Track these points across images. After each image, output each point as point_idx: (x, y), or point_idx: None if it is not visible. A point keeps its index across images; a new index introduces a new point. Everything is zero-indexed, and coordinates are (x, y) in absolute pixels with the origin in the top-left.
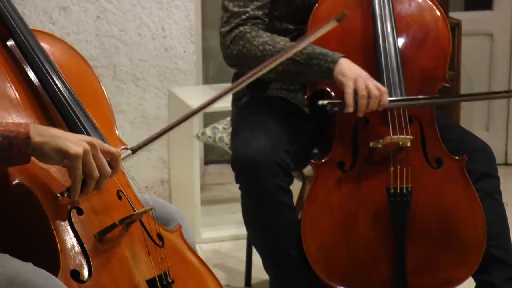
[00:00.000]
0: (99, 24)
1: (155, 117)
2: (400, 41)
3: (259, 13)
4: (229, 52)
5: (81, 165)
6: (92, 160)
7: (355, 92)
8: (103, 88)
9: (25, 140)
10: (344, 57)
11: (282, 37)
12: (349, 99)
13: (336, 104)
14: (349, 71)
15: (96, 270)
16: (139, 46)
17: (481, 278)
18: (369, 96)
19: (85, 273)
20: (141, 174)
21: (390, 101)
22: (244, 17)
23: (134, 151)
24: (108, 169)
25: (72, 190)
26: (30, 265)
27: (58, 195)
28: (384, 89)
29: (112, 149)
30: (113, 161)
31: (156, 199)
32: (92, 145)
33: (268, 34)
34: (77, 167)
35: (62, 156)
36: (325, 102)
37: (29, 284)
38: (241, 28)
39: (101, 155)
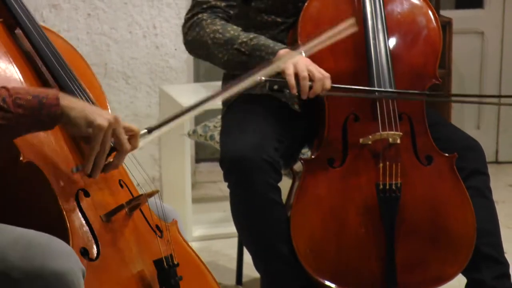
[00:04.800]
0: (90, 22)
1: (146, 115)
2: (391, 38)
3: (222, 4)
4: (186, 38)
5: (101, 137)
6: (110, 137)
7: (297, 75)
8: (101, 85)
9: (54, 101)
10: (286, 47)
11: (235, 27)
12: (291, 80)
13: (276, 82)
14: (289, 57)
15: (104, 250)
16: (130, 44)
17: (472, 275)
18: (312, 79)
19: (94, 251)
20: (133, 172)
21: (334, 87)
22: (205, 6)
23: (150, 130)
24: (128, 145)
25: (87, 160)
26: (31, 230)
27: (73, 169)
28: (326, 74)
29: (133, 126)
30: (133, 137)
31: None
32: (116, 120)
33: (223, 22)
34: (98, 138)
35: (87, 125)
36: (264, 78)
37: (34, 243)
38: (200, 15)
39: (122, 131)
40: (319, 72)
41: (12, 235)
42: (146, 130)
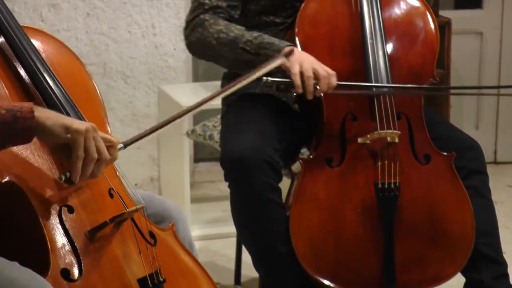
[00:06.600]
0: (89, 22)
1: (145, 115)
2: (388, 38)
3: (223, 4)
4: (189, 40)
5: (83, 141)
6: (92, 141)
7: (302, 74)
8: (96, 86)
9: (29, 113)
10: (291, 45)
11: (238, 26)
12: (296, 80)
13: (281, 82)
14: (294, 56)
15: (87, 269)
16: (129, 43)
17: (470, 275)
18: (317, 78)
19: (76, 272)
20: (131, 172)
21: (340, 85)
22: (206, 7)
23: (125, 145)
24: (107, 153)
25: (73, 170)
26: (16, 264)
27: (59, 177)
28: (332, 71)
29: (111, 137)
30: (111, 148)
31: (154, 196)
32: (93, 128)
33: (226, 22)
34: (79, 142)
35: (65, 131)
36: (270, 79)
37: (15, 284)
38: (201, 16)
39: (100, 139)
40: (324, 70)
41: None
42: (122, 145)
